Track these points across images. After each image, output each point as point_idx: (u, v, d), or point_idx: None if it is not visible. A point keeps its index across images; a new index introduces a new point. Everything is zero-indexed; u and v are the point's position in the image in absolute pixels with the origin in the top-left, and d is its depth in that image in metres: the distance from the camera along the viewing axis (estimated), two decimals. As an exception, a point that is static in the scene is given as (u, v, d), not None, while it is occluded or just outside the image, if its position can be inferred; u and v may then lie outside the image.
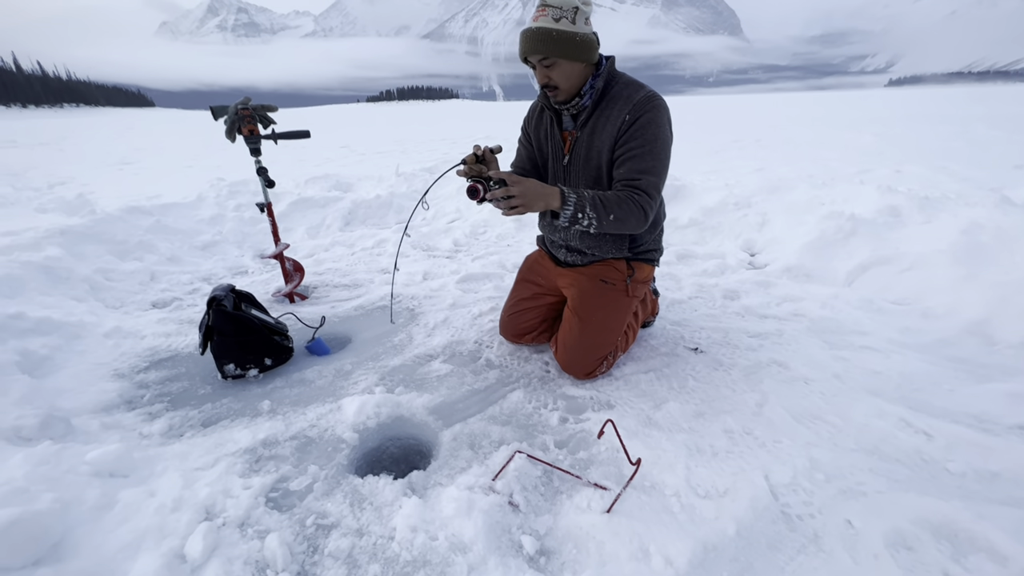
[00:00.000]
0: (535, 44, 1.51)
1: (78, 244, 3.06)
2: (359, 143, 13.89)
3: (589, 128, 1.65)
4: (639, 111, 1.54)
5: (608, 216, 1.48)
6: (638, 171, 1.54)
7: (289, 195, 4.53)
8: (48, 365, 1.93)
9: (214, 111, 2.38)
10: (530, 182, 1.44)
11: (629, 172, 1.55)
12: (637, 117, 1.54)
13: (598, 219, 1.47)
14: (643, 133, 1.53)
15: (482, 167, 1.58)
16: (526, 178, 1.45)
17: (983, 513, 1.18)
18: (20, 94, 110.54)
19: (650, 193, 1.54)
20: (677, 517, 1.21)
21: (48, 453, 1.32)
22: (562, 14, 1.49)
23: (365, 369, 1.97)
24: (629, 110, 1.55)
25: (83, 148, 14.03)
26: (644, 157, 1.54)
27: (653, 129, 1.54)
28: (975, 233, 2.50)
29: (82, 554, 1.09)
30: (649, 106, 1.54)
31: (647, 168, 1.54)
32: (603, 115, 1.61)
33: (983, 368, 1.84)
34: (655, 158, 1.54)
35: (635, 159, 1.54)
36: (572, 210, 1.46)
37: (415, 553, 1.13)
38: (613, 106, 1.59)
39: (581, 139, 1.67)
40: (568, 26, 1.49)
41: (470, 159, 1.57)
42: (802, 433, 1.50)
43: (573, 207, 1.46)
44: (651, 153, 1.54)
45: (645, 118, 1.54)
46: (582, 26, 1.51)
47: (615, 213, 1.48)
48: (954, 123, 13.95)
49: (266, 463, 1.45)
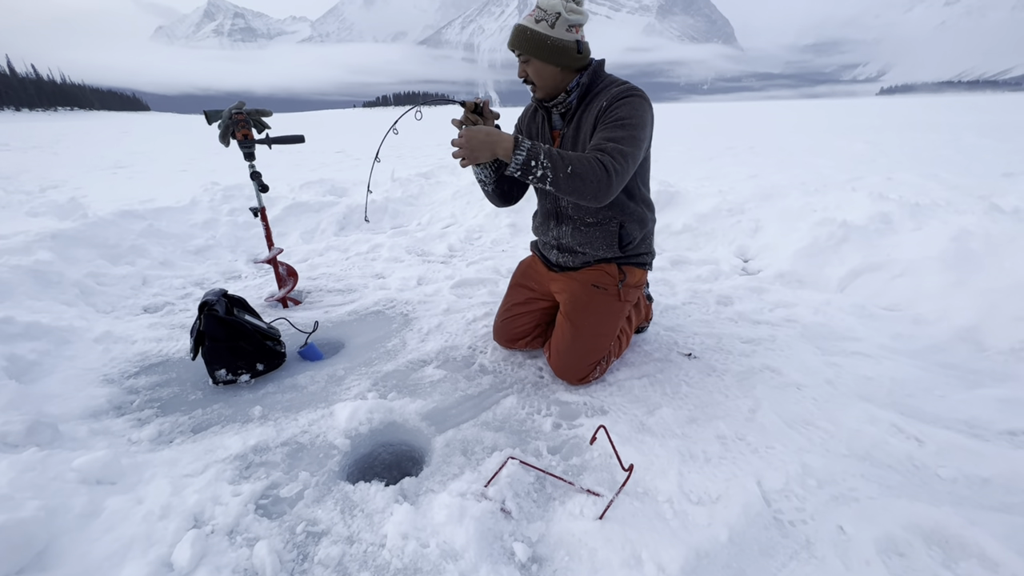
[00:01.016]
0: (513, 39, 1.63)
1: (69, 248, 3.04)
2: (355, 148, 13.89)
3: (574, 125, 1.68)
4: (617, 98, 1.56)
5: (565, 167, 1.41)
6: (606, 139, 1.51)
7: (284, 200, 4.52)
8: (36, 370, 1.91)
9: (208, 115, 2.37)
10: (479, 128, 1.45)
11: (597, 140, 1.53)
12: (614, 103, 1.56)
13: (553, 170, 1.41)
14: (617, 111, 1.54)
15: (478, 118, 1.62)
16: (480, 126, 1.46)
17: (974, 519, 1.18)
18: (13, 97, 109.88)
19: (615, 157, 1.46)
20: (670, 523, 1.20)
21: (34, 460, 1.31)
22: (544, 16, 1.56)
23: (358, 375, 1.96)
24: (607, 98, 1.57)
25: (77, 152, 13.95)
26: (614, 128, 1.52)
27: (627, 108, 1.53)
28: (965, 240, 2.52)
29: (67, 563, 1.08)
30: (629, 94, 1.56)
31: (615, 137, 1.50)
32: (586, 111, 1.64)
33: (974, 374, 1.85)
34: (625, 131, 1.51)
35: (606, 130, 1.53)
36: (524, 155, 1.41)
37: (406, 560, 1.12)
38: (595, 101, 1.63)
39: (567, 135, 1.70)
40: (545, 29, 1.55)
41: (469, 105, 1.63)
42: (794, 439, 1.50)
43: (526, 152, 1.41)
44: (622, 126, 1.51)
45: (622, 101, 1.55)
46: (561, 32, 1.56)
47: (572, 166, 1.41)
48: (944, 131, 14.14)
49: (256, 470, 1.43)
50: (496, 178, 1.82)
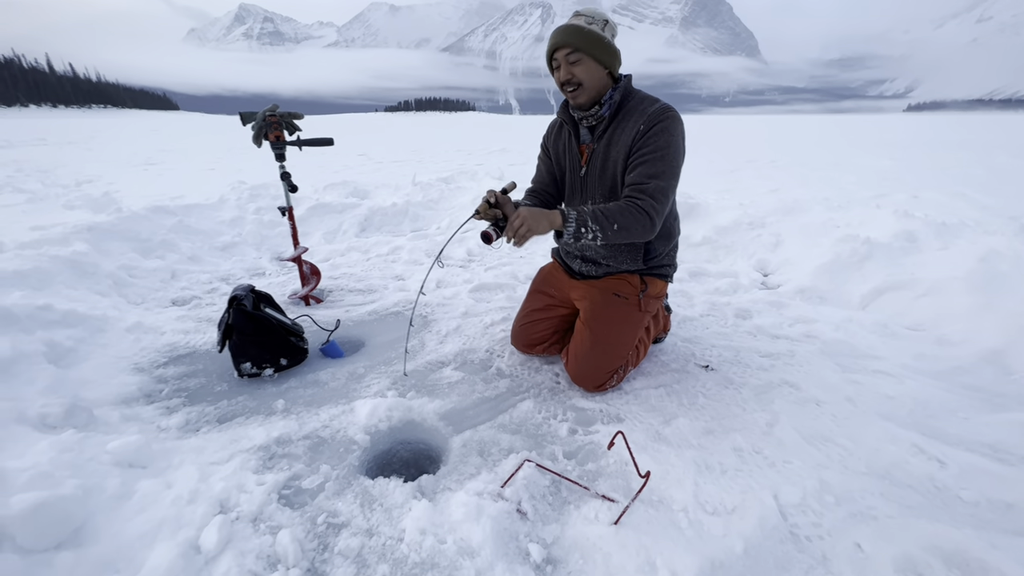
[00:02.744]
0: (566, 36, 1.59)
1: (104, 241, 3.15)
2: (376, 151, 14.11)
3: (605, 140, 1.70)
4: (653, 121, 1.60)
5: (612, 226, 1.52)
6: (647, 175, 1.58)
7: (308, 200, 4.62)
8: (72, 356, 1.98)
9: (243, 117, 2.46)
10: (529, 209, 1.50)
11: (638, 177, 1.59)
12: (651, 126, 1.59)
13: (602, 230, 1.52)
14: (655, 140, 1.58)
15: (496, 211, 1.62)
16: (525, 208, 1.51)
17: (996, 543, 1.16)
18: (51, 94, 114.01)
19: (656, 197, 1.56)
20: (685, 532, 1.21)
21: (72, 441, 1.37)
22: (593, 21, 1.60)
23: (377, 373, 2.00)
24: (644, 120, 1.60)
25: (110, 148, 14.42)
26: (654, 162, 1.58)
27: (665, 137, 1.58)
28: (993, 261, 2.48)
29: (102, 540, 1.12)
30: (663, 116, 1.59)
31: (656, 173, 1.57)
32: (619, 127, 1.66)
33: (999, 397, 1.82)
34: (665, 163, 1.58)
35: (645, 164, 1.58)
36: (574, 226, 1.51)
37: (424, 555, 1.15)
38: (628, 119, 1.65)
39: (598, 151, 1.72)
40: (598, 30, 1.59)
41: (483, 208, 1.61)
42: (812, 454, 1.50)
43: (575, 223, 1.51)
44: (661, 159, 1.58)
45: (659, 127, 1.59)
46: (609, 37, 1.62)
47: (618, 222, 1.52)
48: (974, 150, 13.81)
49: (279, 461, 1.48)
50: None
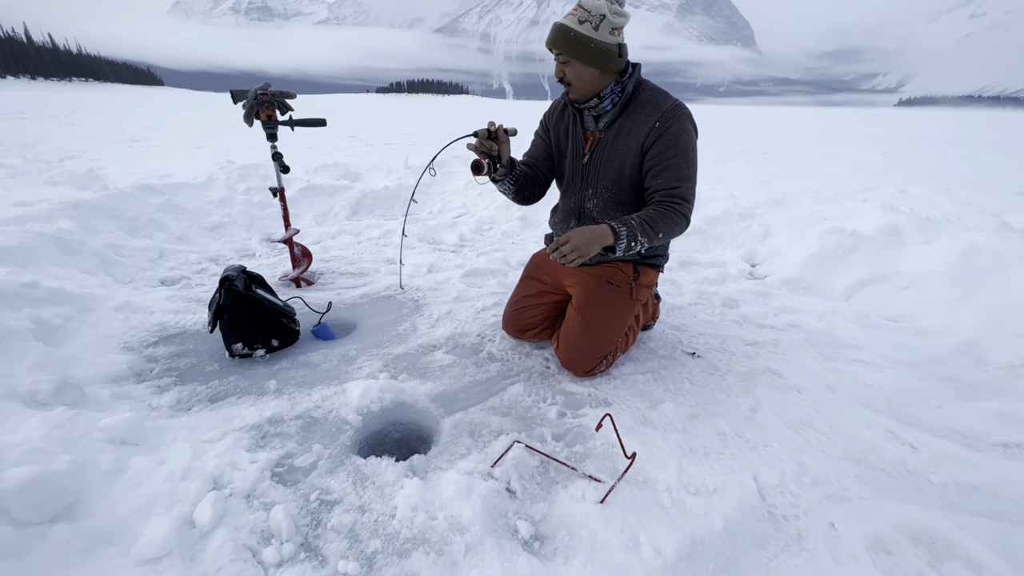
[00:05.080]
0: (553, 39, 1.61)
1: (90, 218, 3.10)
2: (368, 134, 13.91)
3: (615, 130, 1.71)
4: (668, 119, 1.62)
5: (657, 235, 1.56)
6: (676, 179, 1.63)
7: (298, 182, 4.57)
8: (61, 334, 1.97)
9: (234, 95, 2.42)
10: (576, 232, 1.50)
11: (668, 181, 1.63)
12: (668, 126, 1.62)
13: (649, 241, 1.56)
14: (676, 143, 1.62)
15: (492, 144, 1.65)
16: (571, 231, 1.50)
17: (962, 523, 1.23)
18: (29, 65, 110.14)
19: (688, 199, 1.64)
20: (667, 511, 1.26)
21: (63, 418, 1.37)
22: (587, 18, 1.56)
23: (369, 355, 2.01)
24: (659, 117, 1.62)
25: (92, 123, 14.05)
26: (680, 166, 1.62)
27: (684, 138, 1.63)
28: (973, 256, 2.54)
29: (96, 514, 1.14)
30: (678, 115, 1.63)
31: (684, 176, 1.63)
32: (630, 119, 1.67)
33: (972, 387, 1.89)
34: (689, 165, 1.64)
35: (672, 168, 1.63)
36: (626, 242, 1.52)
37: (415, 531, 1.18)
38: (641, 112, 1.66)
39: (605, 140, 1.73)
40: (589, 31, 1.56)
41: (482, 133, 1.64)
42: (792, 439, 1.55)
43: (626, 239, 1.52)
44: (686, 161, 1.63)
45: (676, 127, 1.62)
46: (604, 35, 1.57)
47: (663, 231, 1.57)
48: (961, 146, 14.01)
49: (272, 440, 1.49)
50: (516, 188, 1.87)
